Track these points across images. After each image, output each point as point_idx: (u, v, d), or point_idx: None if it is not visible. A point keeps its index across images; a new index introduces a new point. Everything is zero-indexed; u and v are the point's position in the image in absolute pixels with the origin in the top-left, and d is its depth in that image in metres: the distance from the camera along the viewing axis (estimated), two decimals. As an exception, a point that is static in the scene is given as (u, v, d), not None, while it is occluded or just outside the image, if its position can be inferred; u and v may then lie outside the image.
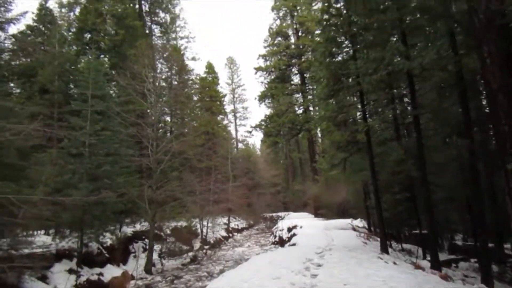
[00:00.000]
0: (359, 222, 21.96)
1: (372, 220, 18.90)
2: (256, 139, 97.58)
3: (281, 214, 48.20)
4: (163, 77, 33.62)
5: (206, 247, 25.38)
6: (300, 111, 35.16)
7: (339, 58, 12.09)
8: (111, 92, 24.81)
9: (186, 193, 22.78)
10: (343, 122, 12.28)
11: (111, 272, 14.31)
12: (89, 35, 23.62)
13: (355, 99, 13.01)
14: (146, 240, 19.47)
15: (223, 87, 60.95)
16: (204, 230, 26.58)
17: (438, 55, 9.19)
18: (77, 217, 12.78)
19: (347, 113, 11.52)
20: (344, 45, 11.50)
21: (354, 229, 17.97)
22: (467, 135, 9.85)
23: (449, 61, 9.03)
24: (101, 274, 13.79)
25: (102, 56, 22.87)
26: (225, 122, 50.57)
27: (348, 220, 21.78)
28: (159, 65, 33.10)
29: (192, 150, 32.12)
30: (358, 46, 11.10)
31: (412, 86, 10.19)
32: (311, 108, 35.23)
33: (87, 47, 22.16)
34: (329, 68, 11.28)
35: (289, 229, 22.47)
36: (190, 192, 24.72)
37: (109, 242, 15.48)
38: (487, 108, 11.92)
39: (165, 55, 33.38)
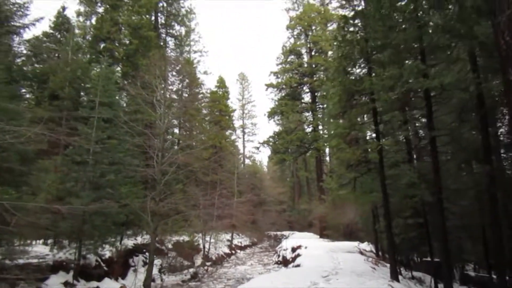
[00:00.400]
0: (366, 246, 21.16)
1: (381, 245, 18.14)
2: (263, 156, 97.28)
3: (286, 233, 47.29)
4: (174, 89, 33.71)
5: (208, 263, 24.71)
6: (309, 130, 34.72)
7: (353, 76, 11.71)
8: (121, 101, 24.81)
9: (189, 207, 22.33)
10: (355, 140, 11.79)
11: (108, 286, 13.79)
12: (103, 44, 23.69)
13: (368, 118, 12.57)
14: (147, 253, 18.96)
15: (233, 102, 61.07)
16: (207, 246, 25.90)
17: (459, 76, 8.76)
18: (76, 227, 12.34)
19: (359, 131, 11.02)
20: (360, 62, 11.11)
21: (361, 252, 17.19)
22: (487, 161, 9.31)
23: (471, 82, 8.58)
24: (97, 288, 13.27)
25: (114, 65, 22.82)
26: (233, 137, 50.38)
27: (355, 243, 20.97)
28: (171, 77, 33.21)
29: (199, 163, 31.92)
30: (374, 64, 10.72)
31: (429, 106, 9.72)
32: (320, 127, 34.78)
33: (101, 55, 22.17)
34: (343, 84, 10.88)
35: (293, 249, 21.77)
36: (194, 206, 24.26)
37: (108, 254, 14.99)
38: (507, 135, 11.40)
39: (177, 68, 33.50)
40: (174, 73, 33.44)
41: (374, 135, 11.88)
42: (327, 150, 39.06)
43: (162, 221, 18.10)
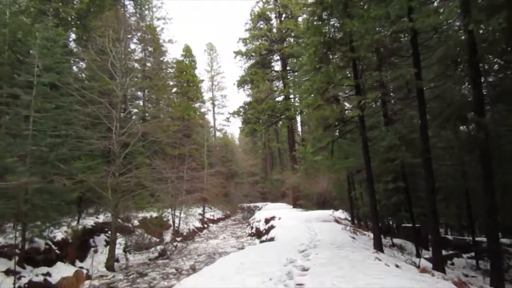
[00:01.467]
0: (341, 214, 20.40)
1: (356, 212, 17.33)
2: (234, 129, 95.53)
3: (259, 204, 46.69)
4: (136, 57, 31.13)
5: (178, 239, 23.41)
6: (280, 99, 33.25)
7: (330, 26, 10.22)
8: (75, 67, 22.32)
9: (156, 181, 20.81)
10: (333, 98, 10.48)
11: (61, 271, 12.11)
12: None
13: (348, 73, 11.21)
14: (110, 232, 17.38)
15: (201, 73, 58.51)
16: (177, 221, 24.51)
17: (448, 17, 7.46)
18: (16, 208, 10.52)
19: (338, 83, 9.66)
20: (338, 9, 9.50)
21: (337, 221, 16.30)
22: (480, 114, 8.19)
23: (467, 22, 7.29)
24: (48, 274, 11.58)
25: (63, 26, 20.17)
26: (203, 109, 48.27)
27: (329, 212, 20.12)
28: (133, 45, 30.56)
29: (164, 135, 29.98)
30: (355, 7, 9.20)
31: (417, 54, 8.43)
32: (291, 96, 33.42)
33: (46, 16, 19.49)
34: (318, 32, 9.37)
35: (267, 221, 20.74)
36: (160, 180, 22.74)
37: (60, 236, 13.24)
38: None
39: (138, 34, 30.83)
40: (135, 41, 30.86)
41: (353, 92, 10.58)
42: (298, 119, 37.96)
43: (124, 197, 16.46)
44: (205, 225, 30.34)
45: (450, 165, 12.49)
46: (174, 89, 38.53)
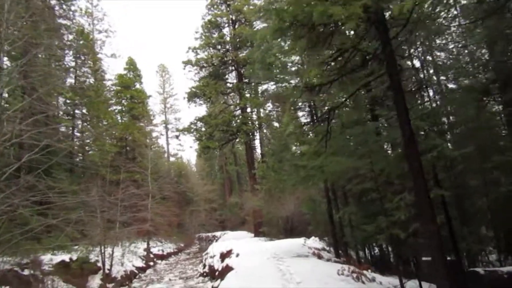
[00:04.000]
0: (315, 243, 15.69)
1: (343, 242, 12.59)
2: (191, 154, 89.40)
3: (217, 233, 41.23)
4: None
5: (110, 285, 17.64)
6: (236, 113, 28.84)
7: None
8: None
9: (76, 210, 15.43)
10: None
11: None
12: None
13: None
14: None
15: (154, 96, 53.46)
16: (109, 262, 18.66)
17: None
18: None
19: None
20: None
21: (319, 256, 11.47)
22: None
23: None
24: None
25: None
26: (154, 133, 42.73)
27: (301, 240, 15.32)
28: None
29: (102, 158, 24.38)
30: None
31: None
32: (248, 109, 29.18)
33: None
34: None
35: (222, 256, 15.68)
36: (87, 212, 17.30)
37: None
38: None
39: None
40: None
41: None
42: (257, 136, 33.63)
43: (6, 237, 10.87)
44: (151, 263, 24.45)
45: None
46: (117, 108, 33.10)
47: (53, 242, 15.01)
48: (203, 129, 27.66)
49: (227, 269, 11.36)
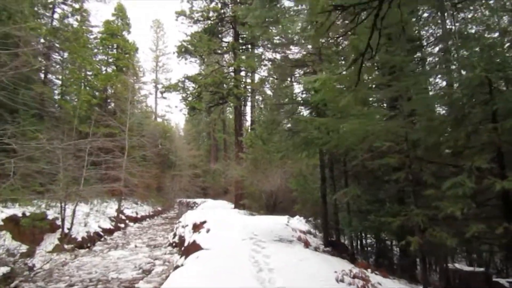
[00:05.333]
0: (299, 223, 13.68)
1: (336, 227, 10.32)
2: (180, 119, 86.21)
3: (198, 200, 39.42)
4: None
5: (68, 246, 15.60)
6: (229, 74, 26.12)
7: None
8: None
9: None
10: None
11: None
12: None
13: None
14: None
15: (146, 53, 50.13)
16: (69, 222, 16.50)
17: None
18: None
19: None
20: None
21: (305, 242, 9.34)
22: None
23: None
24: None
25: None
26: (143, 91, 39.71)
27: (284, 219, 13.24)
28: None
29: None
30: None
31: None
32: (242, 72, 26.53)
33: None
34: None
35: (195, 227, 13.61)
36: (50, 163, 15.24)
37: None
38: None
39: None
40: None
41: None
42: (248, 103, 31.12)
43: None
44: (122, 225, 22.40)
45: None
46: (102, 58, 29.93)
47: (6, 193, 12.63)
48: (191, 88, 25.04)
49: (194, 247, 9.27)
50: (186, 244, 10.83)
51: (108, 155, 20.82)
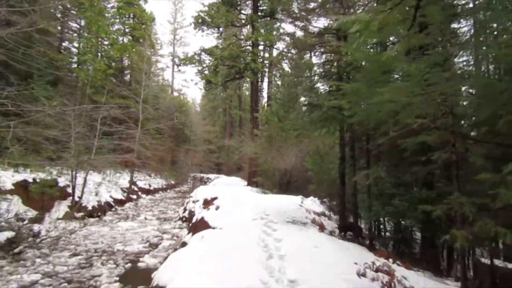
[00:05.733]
0: (313, 204, 13.01)
1: (355, 212, 9.39)
2: (197, 94, 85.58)
3: (211, 176, 39.30)
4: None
5: (78, 215, 15.46)
6: (246, 48, 25.08)
7: None
8: None
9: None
10: None
11: None
12: None
13: None
14: None
15: (164, 25, 49.23)
16: (80, 190, 16.32)
17: None
18: None
19: None
20: None
21: (321, 226, 8.63)
22: None
23: None
24: None
25: None
26: (160, 64, 39.13)
27: (297, 199, 12.56)
28: None
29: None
30: None
31: None
32: (260, 46, 25.45)
33: None
34: None
35: (206, 203, 13.17)
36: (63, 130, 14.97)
37: None
38: None
39: None
40: None
41: None
42: (266, 79, 30.15)
43: None
44: (134, 197, 22.29)
45: None
46: (117, 27, 29.23)
47: (12, 157, 12.30)
48: (207, 61, 24.19)
49: (202, 224, 8.75)
50: (194, 220, 10.37)
51: (122, 126, 20.49)
